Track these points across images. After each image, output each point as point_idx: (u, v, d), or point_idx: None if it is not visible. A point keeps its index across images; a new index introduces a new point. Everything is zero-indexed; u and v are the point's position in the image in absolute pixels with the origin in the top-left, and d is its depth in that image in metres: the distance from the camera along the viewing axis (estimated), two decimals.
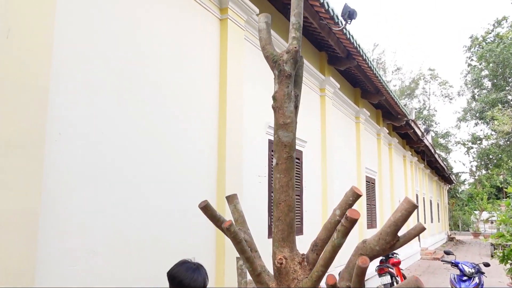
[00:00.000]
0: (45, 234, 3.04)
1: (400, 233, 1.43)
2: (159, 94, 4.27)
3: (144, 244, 3.94)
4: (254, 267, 1.52)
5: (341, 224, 1.40)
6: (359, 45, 8.28)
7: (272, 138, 6.50)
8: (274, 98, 1.62)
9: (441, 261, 8.31)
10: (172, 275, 2.43)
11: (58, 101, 3.21)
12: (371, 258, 1.47)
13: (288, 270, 1.54)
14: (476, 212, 40.37)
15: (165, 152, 4.28)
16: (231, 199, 1.77)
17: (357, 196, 1.47)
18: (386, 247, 1.44)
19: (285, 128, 1.56)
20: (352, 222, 1.35)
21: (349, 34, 7.72)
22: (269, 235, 6.32)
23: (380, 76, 9.91)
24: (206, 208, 1.50)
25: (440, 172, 28.92)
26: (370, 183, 12.49)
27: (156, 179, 4.14)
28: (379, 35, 73.50)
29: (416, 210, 19.35)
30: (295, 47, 1.58)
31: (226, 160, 5.15)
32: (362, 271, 1.25)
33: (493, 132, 31.21)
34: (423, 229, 1.51)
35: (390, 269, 9.05)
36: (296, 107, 1.64)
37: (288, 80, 1.59)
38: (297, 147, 7.44)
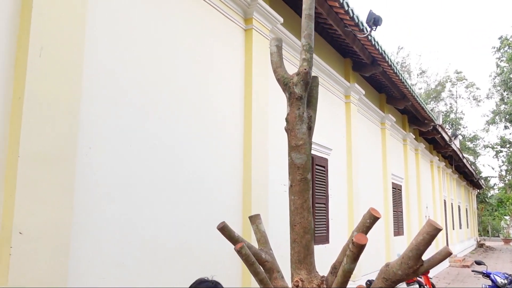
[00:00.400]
0: (76, 246, 3.10)
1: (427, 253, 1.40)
2: (184, 108, 4.31)
3: (172, 255, 3.97)
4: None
5: (349, 249, 1.38)
6: (384, 51, 8.19)
7: None
8: (286, 120, 1.61)
9: (472, 271, 8.11)
10: None
11: (88, 116, 3.28)
12: (395, 283, 1.45)
13: None
14: (507, 217, 39.26)
15: (191, 163, 4.31)
16: (254, 219, 1.78)
17: (375, 218, 1.45)
18: (409, 272, 1.41)
19: (297, 150, 1.56)
20: (359, 247, 1.33)
21: (374, 40, 7.64)
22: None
23: (406, 81, 9.77)
24: (223, 229, 1.53)
25: (469, 177, 28.26)
26: (397, 190, 12.30)
27: (183, 191, 4.17)
28: (404, 38, 72.56)
29: (444, 216, 18.95)
30: (305, 69, 1.57)
31: (252, 171, 5.15)
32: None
33: None
34: (449, 253, 1.47)
35: (418, 278, 8.86)
36: (310, 128, 1.62)
37: (299, 102, 1.58)
38: (322, 155, 7.39)
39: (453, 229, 22.31)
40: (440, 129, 14.63)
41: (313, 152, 7.05)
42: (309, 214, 1.55)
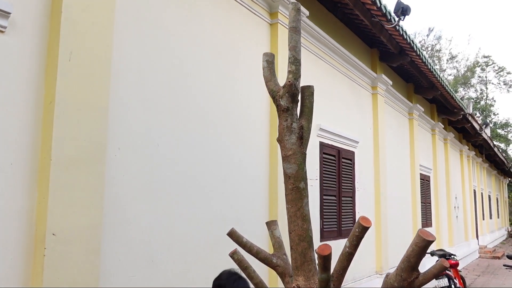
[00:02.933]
0: (107, 246, 3.17)
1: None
2: (211, 106, 4.32)
3: (201, 253, 4.02)
4: None
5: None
6: (412, 41, 8.01)
7: (323, 140, 6.44)
8: (278, 131, 1.68)
9: (504, 265, 7.94)
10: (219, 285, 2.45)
11: (116, 118, 3.33)
12: None
13: None
14: None
15: (218, 161, 4.33)
16: (269, 225, 1.83)
17: (363, 228, 1.47)
18: (404, 284, 1.42)
19: (287, 161, 1.61)
20: (322, 258, 1.36)
21: (402, 30, 7.47)
22: (321, 238, 6.28)
23: (435, 70, 9.54)
24: (232, 235, 1.58)
25: (500, 166, 27.56)
26: (425, 181, 12.10)
27: (211, 189, 4.20)
28: (435, 19, 70.63)
29: (473, 207, 18.61)
30: (289, 81, 1.62)
31: (278, 167, 5.15)
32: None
33: None
34: (445, 268, 1.45)
35: (447, 271, 8.73)
36: (301, 138, 1.65)
37: (286, 114, 1.64)
38: (348, 148, 7.32)
39: (483, 219, 21.88)
40: (470, 118, 14.26)
41: (339, 145, 6.99)
42: (304, 222, 1.58)
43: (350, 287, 6.93)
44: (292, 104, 1.62)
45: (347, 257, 1.50)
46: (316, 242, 6.15)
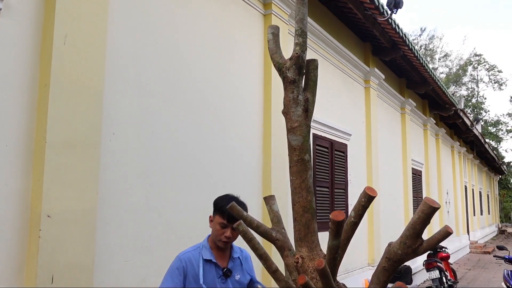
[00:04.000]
0: (102, 230, 3.18)
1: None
2: (204, 94, 4.34)
3: (195, 239, 4.02)
4: (268, 264, 1.58)
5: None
6: (405, 35, 8.07)
7: (316, 132, 6.47)
8: (283, 104, 1.67)
9: (494, 256, 8.03)
10: (215, 202, 2.61)
11: (111, 103, 3.34)
12: (396, 262, 1.46)
13: (306, 269, 1.58)
14: None
15: (212, 149, 4.35)
16: (268, 200, 1.84)
17: (369, 197, 1.47)
18: (408, 251, 1.42)
19: (293, 132, 1.61)
20: (336, 224, 1.36)
21: (395, 23, 7.53)
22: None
23: (427, 65, 9.62)
24: (232, 208, 1.58)
25: (490, 163, 27.80)
26: (417, 175, 12.20)
27: (205, 176, 4.22)
28: (428, 19, 70.97)
29: (464, 202, 18.74)
30: (297, 53, 1.62)
31: (271, 155, 5.18)
32: (321, 272, 1.31)
33: None
34: (449, 233, 1.43)
35: (438, 264, 8.83)
36: (307, 110, 1.66)
37: (293, 86, 1.63)
38: (341, 141, 7.37)
39: (474, 215, 22.07)
40: (461, 114, 14.39)
41: (332, 137, 7.04)
42: (308, 193, 1.59)
43: (342, 278, 6.98)
44: (299, 76, 1.63)
45: (352, 226, 1.51)
46: None
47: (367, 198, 1.46)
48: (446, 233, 1.37)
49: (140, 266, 3.49)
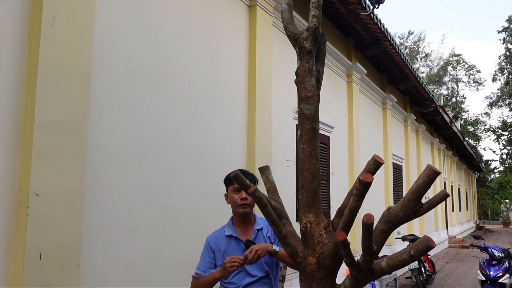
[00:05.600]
0: (89, 211, 3.23)
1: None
2: (192, 81, 4.40)
3: (180, 223, 4.10)
4: (279, 230, 1.63)
5: (355, 188, 1.47)
6: (386, 30, 8.23)
7: None
8: (296, 73, 1.72)
9: (470, 245, 8.26)
10: (224, 180, 2.80)
11: (98, 86, 3.38)
12: (396, 224, 1.55)
13: (313, 234, 1.63)
14: (507, 201, 39.48)
15: (198, 137, 4.42)
16: (264, 170, 1.89)
17: (378, 164, 1.56)
18: (410, 213, 1.50)
19: (307, 102, 1.66)
20: (365, 185, 1.41)
21: (377, 19, 7.68)
22: (297, 219, 6.43)
23: (407, 61, 9.82)
24: (236, 177, 1.61)
25: (469, 160, 28.38)
26: (397, 170, 12.43)
27: (190, 163, 4.29)
28: (410, 20, 71.84)
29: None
30: (314, 25, 1.67)
31: (255, 146, 5.26)
32: (368, 227, 1.35)
33: None
34: (447, 195, 1.55)
35: None
36: (318, 81, 1.73)
37: (309, 56, 1.68)
38: (324, 133, 7.50)
39: (453, 211, 22.52)
40: (441, 110, 14.70)
41: None
42: (317, 161, 1.65)
43: None
44: (314, 47, 1.69)
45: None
46: (292, 222, 6.30)
47: (376, 165, 1.55)
48: (444, 195, 1.50)
49: (126, 248, 3.54)
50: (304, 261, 1.62)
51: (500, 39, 33.13)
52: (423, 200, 1.50)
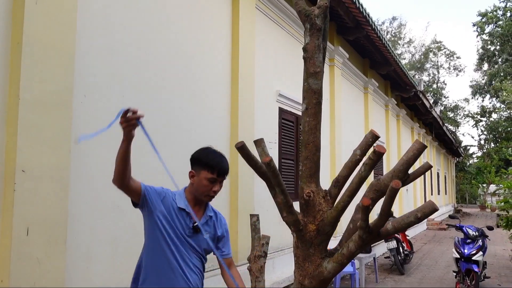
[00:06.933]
0: (74, 188, 3.28)
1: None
2: (176, 62, 4.45)
3: None
4: (287, 199, 1.70)
5: (368, 158, 1.58)
6: (368, 15, 8.33)
7: (282, 106, 6.66)
8: (305, 49, 1.77)
9: (446, 224, 8.53)
10: (198, 157, 2.55)
11: (82, 65, 3.41)
12: (383, 193, 1.66)
13: (314, 203, 1.72)
14: (484, 185, 40.40)
15: (180, 117, 4.47)
16: (259, 143, 1.92)
17: (375, 137, 1.65)
18: None
19: (315, 77, 1.73)
20: (379, 155, 1.53)
21: (359, 3, 7.77)
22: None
23: (388, 46, 9.95)
24: (242, 148, 1.64)
25: (448, 145, 28.93)
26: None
27: (174, 142, 4.35)
28: (393, 6, 72.16)
29: (423, 182, 19.46)
30: (326, 3, 1.73)
31: (238, 128, 5.35)
32: (395, 192, 1.42)
33: (502, 105, 31.11)
34: (430, 166, 1.69)
35: (396, 235, 9.29)
36: (324, 58, 1.79)
37: (319, 33, 1.74)
38: None
39: (432, 194, 23.02)
40: (421, 95, 14.95)
41: (295, 111, 7.26)
42: (320, 135, 1.74)
43: None
44: (323, 25, 1.74)
45: (355, 163, 1.69)
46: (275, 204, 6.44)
47: (373, 138, 1.65)
48: (428, 166, 1.62)
49: (112, 225, 3.62)
50: (304, 228, 1.70)
51: (474, 30, 33.54)
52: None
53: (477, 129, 42.78)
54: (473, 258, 6.93)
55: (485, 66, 37.84)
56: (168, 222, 2.34)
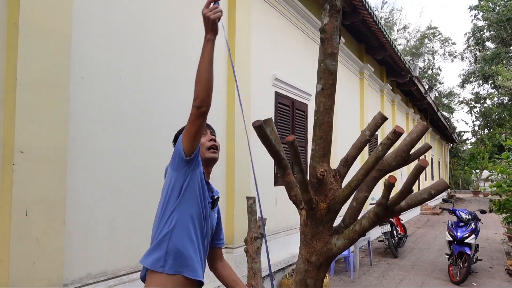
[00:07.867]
0: (73, 169, 3.31)
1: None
2: (168, 43, 4.44)
3: (160, 181, 4.20)
4: (305, 178, 1.73)
5: (387, 137, 1.60)
6: None
7: (278, 90, 6.67)
8: (323, 30, 1.78)
9: (440, 208, 8.63)
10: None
11: (79, 47, 3.40)
12: (386, 172, 1.71)
13: (326, 182, 1.76)
14: (477, 171, 40.76)
15: (177, 99, 4.48)
16: (268, 122, 1.96)
17: (384, 118, 1.70)
18: (401, 163, 1.67)
19: (332, 58, 1.75)
20: (399, 135, 1.55)
21: None
22: (275, 183, 6.61)
23: (385, 30, 9.94)
24: (260, 128, 1.61)
25: (442, 131, 29.08)
26: (373, 139, 12.72)
27: (170, 125, 4.36)
28: None
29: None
30: None
31: (235, 111, 5.36)
32: (421, 170, 1.47)
33: (496, 92, 31.23)
34: (430, 147, 1.74)
35: (390, 219, 9.41)
36: (339, 41, 1.81)
37: (338, 14, 1.76)
38: (302, 101, 7.62)
39: (425, 179, 23.21)
40: (416, 81, 14.98)
41: (293, 96, 7.27)
42: (333, 114, 1.77)
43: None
44: (341, 7, 1.76)
45: (364, 143, 1.72)
46: (271, 187, 6.50)
47: (382, 119, 1.68)
48: (428, 147, 1.67)
49: (110, 206, 3.65)
50: (316, 207, 1.75)
51: (471, 15, 33.39)
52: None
53: (471, 115, 42.99)
54: (466, 241, 7.04)
55: (472, 54, 37.90)
56: (203, 186, 2.11)
